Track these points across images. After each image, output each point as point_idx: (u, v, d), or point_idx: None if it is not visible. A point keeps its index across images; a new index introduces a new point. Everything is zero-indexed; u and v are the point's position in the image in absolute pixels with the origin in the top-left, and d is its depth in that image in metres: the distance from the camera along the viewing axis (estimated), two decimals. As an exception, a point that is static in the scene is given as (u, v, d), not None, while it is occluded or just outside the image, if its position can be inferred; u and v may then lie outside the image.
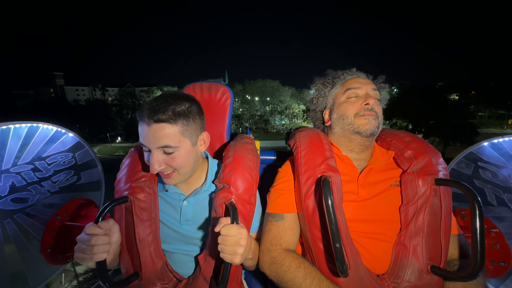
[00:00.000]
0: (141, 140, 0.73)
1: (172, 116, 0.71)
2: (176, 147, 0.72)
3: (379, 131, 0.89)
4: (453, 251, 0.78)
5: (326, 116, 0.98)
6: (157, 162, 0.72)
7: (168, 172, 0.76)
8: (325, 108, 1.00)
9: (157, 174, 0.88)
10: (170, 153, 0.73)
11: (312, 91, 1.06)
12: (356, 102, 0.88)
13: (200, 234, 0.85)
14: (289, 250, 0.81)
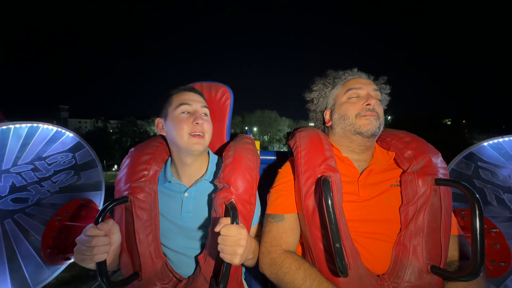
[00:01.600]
0: (185, 102, 0.87)
1: (204, 96, 0.96)
2: (209, 112, 0.93)
3: (380, 131, 0.89)
4: (453, 252, 0.78)
5: (327, 117, 0.98)
6: (201, 117, 0.86)
7: (201, 134, 0.86)
8: (325, 109, 0.99)
9: (154, 178, 0.89)
10: (206, 116, 0.90)
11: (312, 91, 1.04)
12: (357, 103, 0.88)
13: (200, 226, 0.85)
14: (289, 251, 0.81)
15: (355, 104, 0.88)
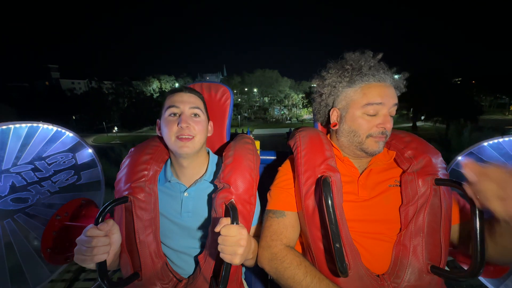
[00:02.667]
0: (172, 104, 0.85)
1: (199, 94, 0.92)
2: (201, 112, 0.88)
3: None
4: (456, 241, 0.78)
5: (333, 118, 0.89)
6: (186, 120, 0.83)
7: (190, 136, 0.83)
8: (333, 106, 0.89)
9: (158, 172, 0.89)
10: (197, 117, 0.86)
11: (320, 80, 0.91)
12: (372, 121, 0.80)
13: (199, 226, 0.85)
14: (290, 246, 0.81)
15: (369, 122, 0.80)
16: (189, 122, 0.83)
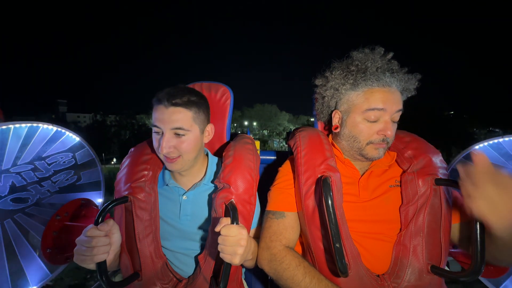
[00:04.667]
0: (154, 122, 0.78)
1: (188, 103, 0.78)
2: (187, 130, 0.78)
3: None
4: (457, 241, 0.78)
5: (335, 120, 0.88)
6: (167, 143, 0.76)
7: (174, 157, 0.79)
8: (335, 109, 0.88)
9: (157, 170, 0.88)
10: (181, 136, 0.78)
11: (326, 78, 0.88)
12: (373, 127, 0.78)
13: (199, 229, 0.85)
14: (289, 247, 0.81)
15: (370, 128, 0.79)
16: (171, 144, 0.77)
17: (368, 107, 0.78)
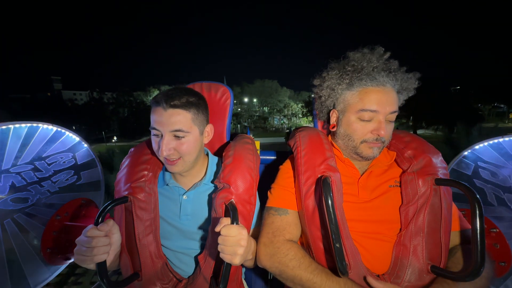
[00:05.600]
0: (153, 125, 0.77)
1: (186, 104, 0.77)
2: (187, 132, 0.78)
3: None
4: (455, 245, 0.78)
5: (333, 119, 0.89)
6: (167, 146, 0.76)
7: (174, 159, 0.79)
8: (333, 108, 0.89)
9: (159, 170, 0.88)
10: (180, 138, 0.77)
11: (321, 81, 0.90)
12: (366, 126, 0.79)
13: (199, 229, 0.85)
14: (293, 241, 0.81)
15: (364, 127, 0.80)
16: (171, 146, 0.76)
17: (362, 108, 0.79)
